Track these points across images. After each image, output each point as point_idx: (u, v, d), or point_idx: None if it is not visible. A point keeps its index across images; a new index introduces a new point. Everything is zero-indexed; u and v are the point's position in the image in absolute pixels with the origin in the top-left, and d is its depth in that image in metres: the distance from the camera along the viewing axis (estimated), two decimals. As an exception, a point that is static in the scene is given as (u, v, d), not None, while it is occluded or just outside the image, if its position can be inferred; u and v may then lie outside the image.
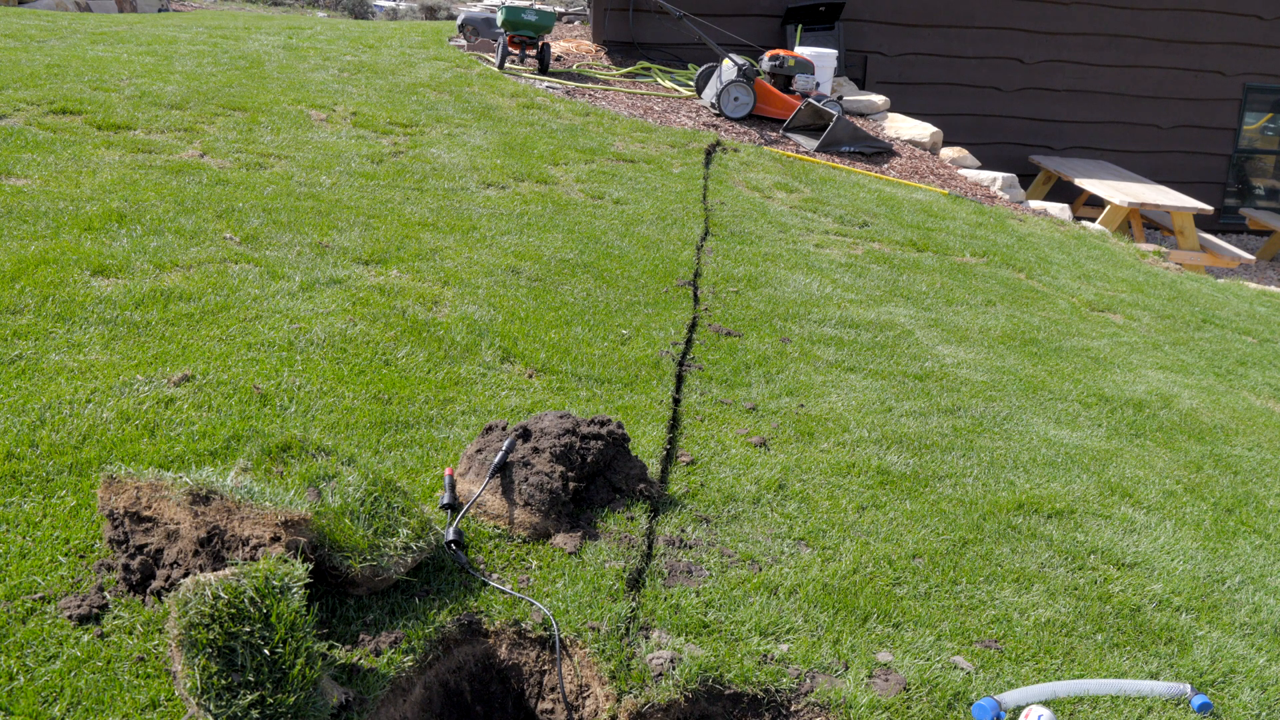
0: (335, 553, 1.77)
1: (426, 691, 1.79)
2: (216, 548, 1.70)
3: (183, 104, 5.89)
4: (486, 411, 2.69)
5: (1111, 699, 1.89)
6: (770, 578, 2.11)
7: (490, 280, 3.75)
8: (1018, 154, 9.28)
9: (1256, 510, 2.91)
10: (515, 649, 1.89)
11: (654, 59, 9.17)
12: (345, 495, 1.89)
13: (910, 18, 9.22)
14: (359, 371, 2.79)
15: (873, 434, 2.96)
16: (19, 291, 2.91)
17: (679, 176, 6.14)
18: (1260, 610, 2.31)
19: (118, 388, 2.46)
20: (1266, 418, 3.78)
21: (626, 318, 3.62)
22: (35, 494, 2.01)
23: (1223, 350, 4.66)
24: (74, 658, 1.62)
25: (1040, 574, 2.32)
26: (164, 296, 3.04)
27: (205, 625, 1.45)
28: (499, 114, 7.15)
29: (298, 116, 6.08)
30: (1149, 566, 2.44)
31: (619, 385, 3.01)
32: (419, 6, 22.85)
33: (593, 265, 4.15)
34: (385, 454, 2.38)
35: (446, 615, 1.85)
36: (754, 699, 1.79)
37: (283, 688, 1.46)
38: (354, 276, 3.52)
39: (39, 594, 1.74)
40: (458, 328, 3.22)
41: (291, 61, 7.86)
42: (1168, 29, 9.58)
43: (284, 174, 4.83)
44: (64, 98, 5.50)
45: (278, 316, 3.05)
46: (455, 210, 4.68)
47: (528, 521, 2.15)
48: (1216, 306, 5.56)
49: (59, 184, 4.09)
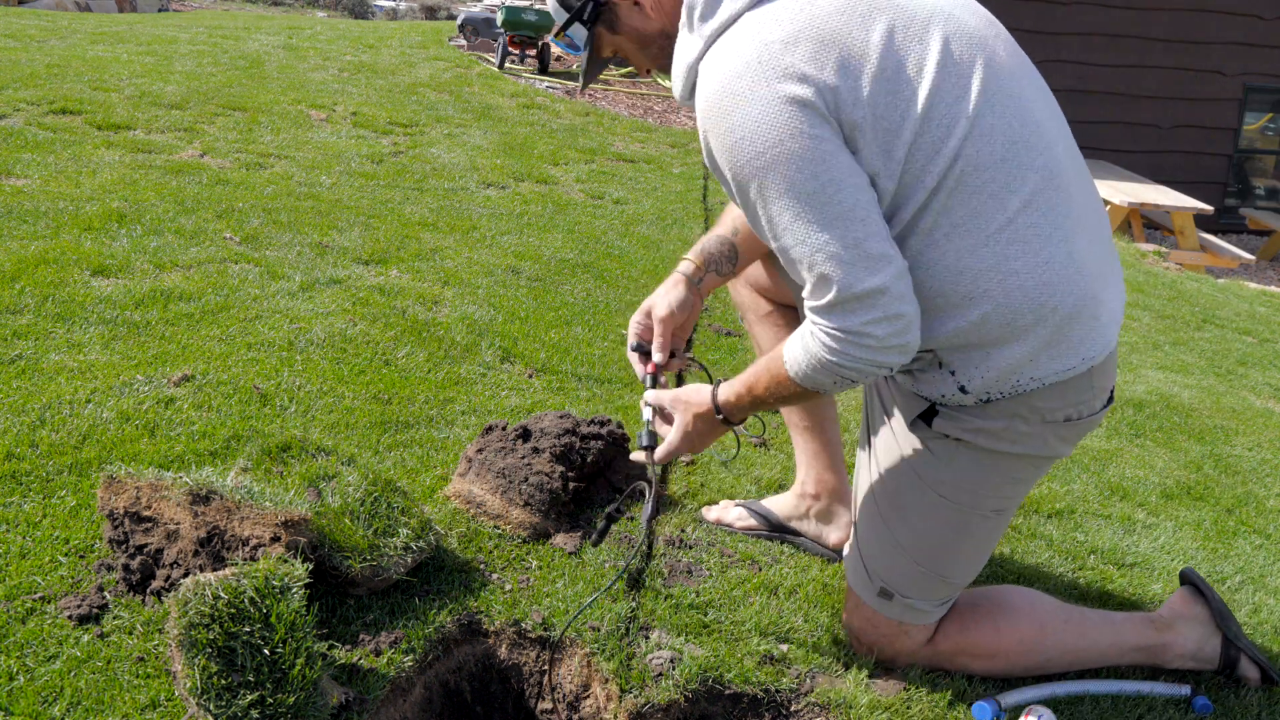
0: (335, 553, 1.77)
1: (426, 691, 1.79)
2: (216, 548, 1.70)
3: (183, 104, 5.89)
4: (486, 411, 2.69)
5: (1112, 699, 1.89)
6: (770, 578, 2.11)
7: (490, 280, 3.75)
8: (1018, 154, 9.27)
9: (1256, 510, 2.91)
10: (515, 649, 1.89)
11: (654, 59, 9.16)
12: (345, 495, 1.89)
13: (910, 18, 9.21)
14: (359, 371, 2.80)
15: (873, 434, 2.96)
16: (19, 291, 2.91)
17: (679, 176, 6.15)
18: (1260, 610, 2.31)
19: (118, 388, 2.46)
20: (1266, 418, 3.78)
21: (626, 318, 3.61)
22: (35, 494, 2.01)
23: (1223, 350, 4.66)
24: (74, 658, 1.62)
25: (1040, 573, 2.32)
26: (164, 296, 3.04)
27: (205, 625, 1.45)
28: (499, 114, 7.16)
29: (298, 116, 6.08)
30: (1149, 566, 2.44)
31: (619, 385, 3.01)
32: (419, 6, 22.83)
33: (593, 265, 4.15)
34: (385, 454, 2.38)
35: (446, 615, 1.85)
36: (754, 699, 1.79)
37: (283, 688, 1.46)
38: (354, 276, 3.52)
39: (39, 594, 1.74)
40: (458, 328, 3.22)
41: (291, 61, 7.87)
42: (1168, 29, 9.57)
43: (284, 174, 4.83)
44: (64, 98, 5.50)
45: (278, 316, 3.05)
46: (455, 210, 4.69)
47: (527, 521, 2.15)
48: (1216, 306, 5.56)
49: (59, 184, 4.09)
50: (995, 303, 1.54)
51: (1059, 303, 1.55)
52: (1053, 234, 1.54)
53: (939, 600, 1.83)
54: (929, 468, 1.73)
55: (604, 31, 1.75)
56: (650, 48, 1.74)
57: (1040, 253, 1.53)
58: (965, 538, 1.78)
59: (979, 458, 1.70)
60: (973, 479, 1.72)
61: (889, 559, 1.81)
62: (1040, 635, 1.90)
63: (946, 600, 1.85)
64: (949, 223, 1.52)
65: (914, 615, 1.83)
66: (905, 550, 1.78)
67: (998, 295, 1.54)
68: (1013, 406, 1.63)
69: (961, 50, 1.53)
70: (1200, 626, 1.97)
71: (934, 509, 1.75)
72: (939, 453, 1.72)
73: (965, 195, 1.51)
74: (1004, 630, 1.89)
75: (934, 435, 1.71)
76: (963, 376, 1.61)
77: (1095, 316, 1.60)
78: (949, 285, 1.55)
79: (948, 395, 1.64)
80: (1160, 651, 1.96)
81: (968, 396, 1.63)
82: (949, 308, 1.56)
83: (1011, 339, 1.56)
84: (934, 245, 1.53)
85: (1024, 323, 1.55)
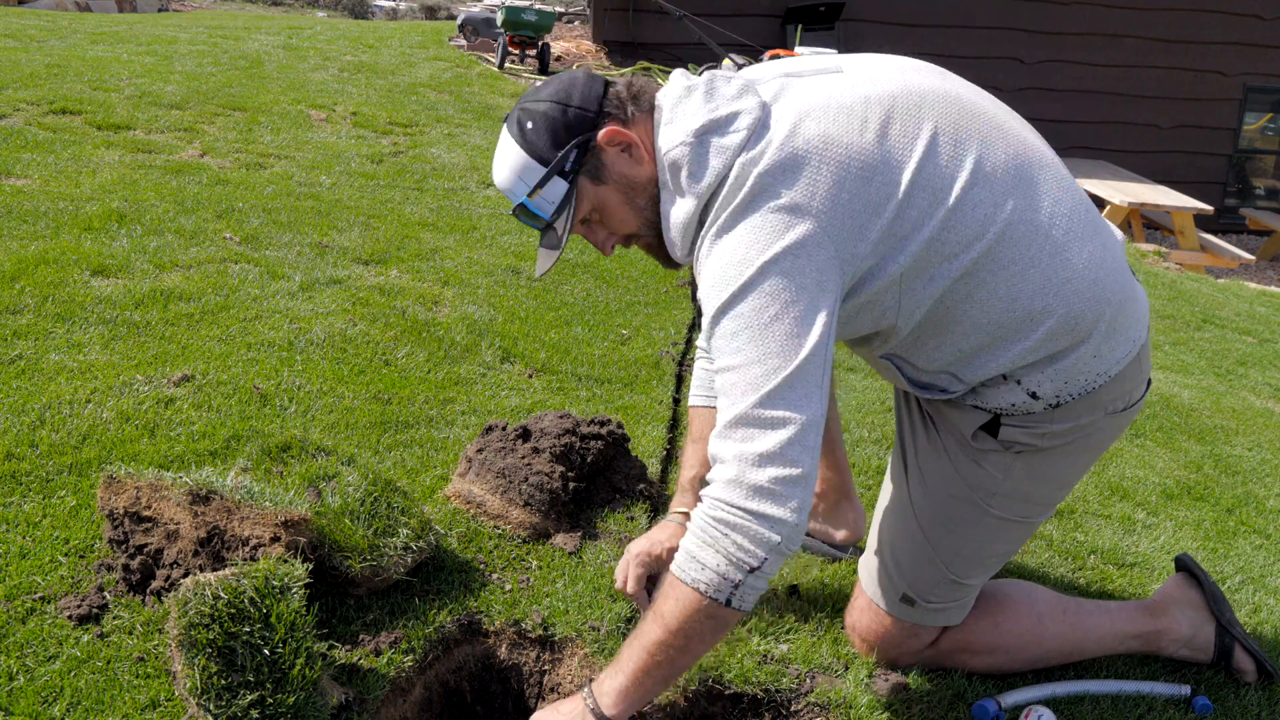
0: (335, 553, 1.77)
1: (426, 691, 1.79)
2: (216, 548, 1.70)
3: (183, 104, 5.89)
4: (486, 411, 2.69)
5: (1112, 699, 1.89)
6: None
7: (490, 280, 3.75)
8: (1018, 154, 9.27)
9: (1256, 510, 2.91)
10: (515, 649, 1.89)
11: (654, 59, 9.17)
12: (345, 495, 1.89)
13: (910, 18, 9.22)
14: (359, 371, 2.79)
15: (873, 434, 2.96)
16: (19, 291, 2.91)
17: (679, 176, 6.13)
18: (1260, 610, 2.31)
19: (118, 388, 2.46)
20: (1266, 418, 3.78)
21: (626, 318, 3.62)
22: (35, 494, 2.01)
23: (1223, 350, 4.66)
24: (74, 658, 1.62)
25: (1040, 573, 2.32)
26: (164, 296, 3.04)
27: (205, 625, 1.45)
28: (499, 114, 7.15)
29: (298, 116, 6.08)
30: (1149, 566, 2.44)
31: (619, 385, 3.01)
32: (419, 6, 22.84)
33: (593, 265, 4.15)
34: (385, 454, 2.38)
35: (446, 615, 1.85)
36: (754, 699, 1.80)
37: (283, 688, 1.46)
38: (354, 276, 3.52)
39: (39, 594, 1.74)
40: (458, 328, 3.22)
41: (291, 61, 7.86)
42: (1168, 29, 9.57)
43: (284, 174, 4.83)
44: (64, 98, 5.50)
45: (278, 316, 3.05)
46: (455, 210, 4.69)
47: (527, 521, 2.15)
48: (1216, 306, 5.56)
49: (59, 184, 4.09)
50: (1058, 316, 1.53)
51: (1110, 294, 1.56)
52: (1080, 232, 1.55)
53: (960, 601, 1.83)
54: (986, 481, 1.70)
55: (586, 184, 1.57)
56: (639, 197, 1.58)
57: (1080, 253, 1.53)
58: (1004, 543, 1.78)
59: (1037, 465, 1.68)
60: (1026, 488, 1.70)
61: (921, 569, 1.80)
62: (1038, 627, 1.90)
63: (966, 600, 1.85)
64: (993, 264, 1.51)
65: (934, 618, 1.83)
66: (942, 562, 1.78)
67: (1058, 308, 1.53)
68: (1080, 405, 1.62)
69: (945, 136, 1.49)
70: (1193, 611, 1.98)
71: (979, 522, 1.73)
72: (995, 466, 1.69)
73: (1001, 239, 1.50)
74: (1003, 625, 1.89)
75: (992, 448, 1.67)
76: (1032, 384, 1.59)
77: (1135, 298, 1.62)
78: (1006, 315, 1.53)
79: (1017, 404, 1.62)
80: (1155, 638, 1.96)
81: (1038, 403, 1.61)
82: (1012, 334, 1.55)
83: (1078, 344, 1.56)
84: (982, 285, 1.51)
85: (1086, 324, 1.55)
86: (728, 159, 1.45)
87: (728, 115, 1.47)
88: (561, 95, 1.56)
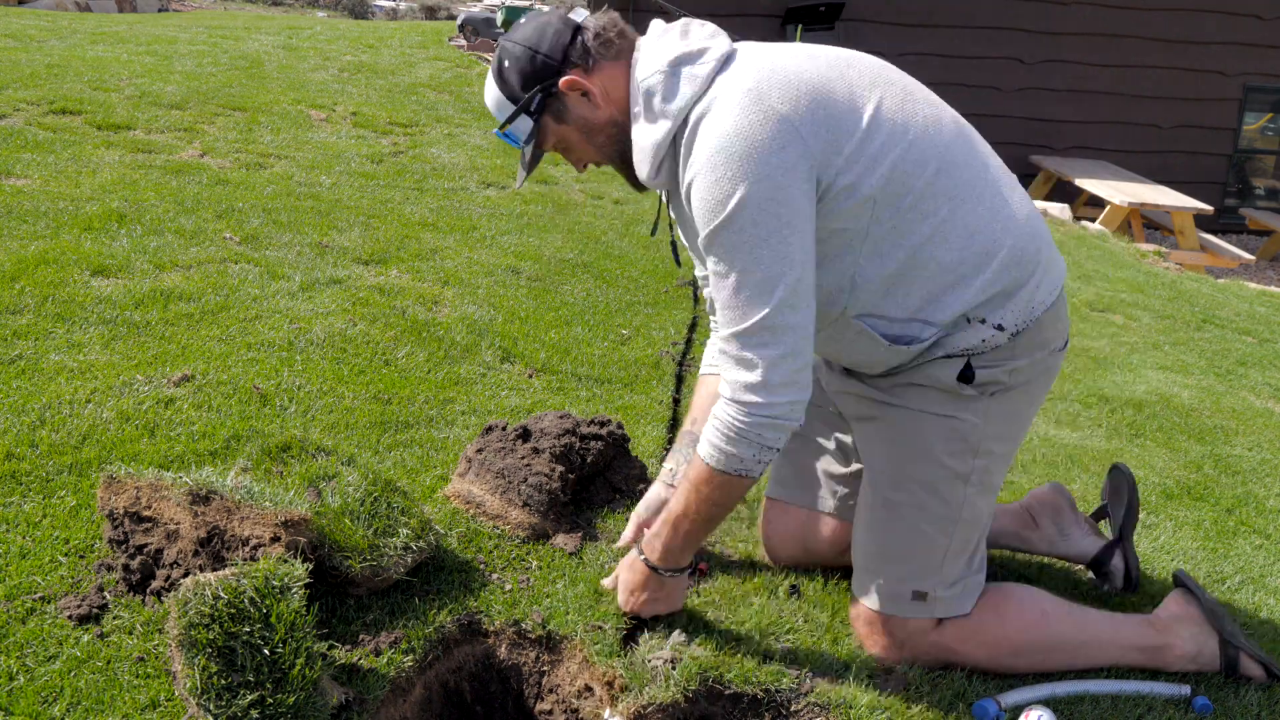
0: (335, 553, 1.77)
1: (426, 691, 1.79)
2: (216, 548, 1.70)
3: (183, 104, 5.89)
4: (486, 411, 2.69)
5: (1112, 699, 1.89)
6: (770, 578, 2.11)
7: (490, 280, 3.75)
8: (1018, 154, 9.28)
9: (1256, 510, 2.91)
10: (515, 649, 1.89)
11: (654, 59, 9.15)
12: (345, 495, 1.89)
13: (910, 18, 9.21)
14: (359, 371, 2.80)
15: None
16: (19, 291, 2.91)
17: (679, 176, 6.13)
18: (1260, 610, 2.31)
19: (118, 388, 2.46)
20: (1266, 418, 3.78)
21: (626, 318, 3.63)
22: (35, 494, 2.01)
23: (1223, 350, 4.66)
24: (74, 658, 1.62)
25: (1040, 574, 2.32)
26: (164, 296, 3.04)
27: (205, 625, 1.45)
28: (499, 114, 7.13)
29: (298, 116, 6.08)
30: (1149, 566, 2.44)
31: (619, 385, 3.01)
32: (419, 6, 22.83)
33: (593, 265, 4.15)
34: (385, 454, 2.38)
35: (446, 615, 1.85)
36: (754, 699, 1.79)
37: (283, 688, 1.46)
38: (354, 276, 3.52)
39: (39, 594, 1.74)
40: (458, 328, 3.22)
41: (291, 61, 7.86)
42: (1168, 29, 9.56)
43: (284, 174, 4.83)
44: (64, 98, 5.50)
45: (278, 316, 3.05)
46: (455, 210, 4.69)
47: (527, 522, 2.15)
48: (1216, 306, 5.56)
49: (59, 184, 4.09)
50: (1006, 248, 1.70)
51: (1042, 231, 1.78)
52: (1010, 182, 1.77)
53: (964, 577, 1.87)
54: (966, 432, 1.78)
55: (550, 122, 1.75)
56: (598, 137, 1.76)
57: (1014, 193, 1.75)
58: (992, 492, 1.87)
59: (1008, 403, 1.80)
60: (1000, 429, 1.80)
61: (926, 561, 1.83)
62: (1043, 621, 1.91)
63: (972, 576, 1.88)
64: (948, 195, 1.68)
65: (946, 607, 1.87)
66: (951, 548, 1.83)
67: (1006, 240, 1.70)
68: (1029, 339, 1.75)
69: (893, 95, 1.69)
70: (1195, 626, 1.98)
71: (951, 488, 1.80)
72: (974, 412, 1.78)
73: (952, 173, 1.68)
74: (1007, 616, 1.90)
75: (971, 394, 1.76)
76: (995, 318, 1.72)
77: (1051, 242, 1.82)
78: (965, 250, 1.68)
79: (987, 339, 1.73)
80: (1160, 654, 1.96)
81: (1003, 334, 1.73)
82: (971, 271, 1.69)
83: (1028, 276, 1.72)
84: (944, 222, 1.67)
85: (1029, 258, 1.72)
86: (699, 86, 1.62)
87: (700, 49, 1.65)
88: (533, 40, 1.72)
